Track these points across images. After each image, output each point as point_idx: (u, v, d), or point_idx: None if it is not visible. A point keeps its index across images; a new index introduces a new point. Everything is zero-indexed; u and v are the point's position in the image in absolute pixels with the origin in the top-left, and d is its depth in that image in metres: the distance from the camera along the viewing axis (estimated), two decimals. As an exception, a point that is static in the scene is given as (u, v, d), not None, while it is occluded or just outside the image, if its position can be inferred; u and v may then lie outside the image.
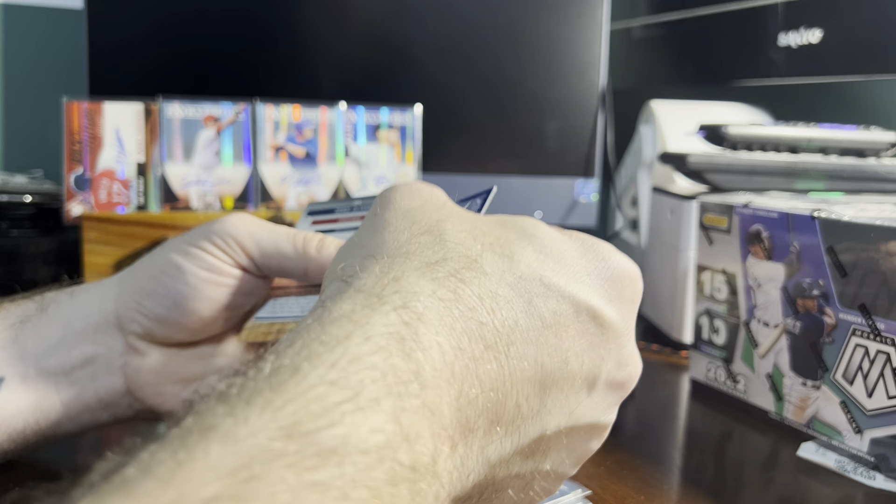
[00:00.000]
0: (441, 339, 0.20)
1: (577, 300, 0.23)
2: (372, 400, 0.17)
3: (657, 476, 0.39)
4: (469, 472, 0.21)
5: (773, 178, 0.61)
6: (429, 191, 0.26)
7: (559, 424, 0.23)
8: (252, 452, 0.14)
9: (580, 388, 0.23)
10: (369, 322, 0.19)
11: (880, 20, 0.69)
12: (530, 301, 0.22)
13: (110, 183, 0.66)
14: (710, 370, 0.51)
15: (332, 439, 0.15)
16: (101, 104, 0.66)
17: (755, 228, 0.47)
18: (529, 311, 0.22)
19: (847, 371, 0.41)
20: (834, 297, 0.42)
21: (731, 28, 0.87)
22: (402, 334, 0.19)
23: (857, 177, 0.61)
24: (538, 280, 0.22)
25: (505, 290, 0.22)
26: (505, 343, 0.21)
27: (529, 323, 0.22)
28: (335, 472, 0.15)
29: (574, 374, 0.23)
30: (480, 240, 0.23)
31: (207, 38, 0.83)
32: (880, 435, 0.39)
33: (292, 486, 0.14)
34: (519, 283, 0.22)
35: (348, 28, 0.85)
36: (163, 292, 0.33)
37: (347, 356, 0.17)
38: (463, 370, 0.20)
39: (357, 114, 0.72)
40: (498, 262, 0.22)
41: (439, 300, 0.20)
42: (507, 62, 0.88)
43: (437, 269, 0.21)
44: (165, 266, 0.33)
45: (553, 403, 0.22)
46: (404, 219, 0.24)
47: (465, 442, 0.20)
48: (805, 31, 0.76)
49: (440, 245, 0.22)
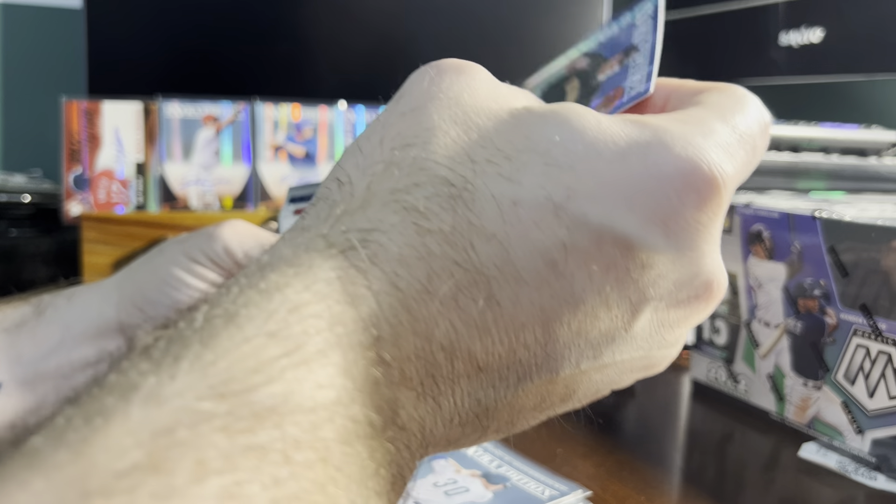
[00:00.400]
0: (401, 282, 0.17)
1: (596, 227, 0.17)
2: (317, 352, 0.15)
3: (658, 476, 0.38)
4: (452, 416, 0.18)
5: (775, 177, 0.61)
6: (458, 76, 0.20)
7: (581, 366, 0.19)
8: (178, 415, 0.13)
9: (610, 328, 0.19)
10: (312, 266, 0.16)
11: (881, 19, 0.69)
12: (527, 234, 0.17)
13: (109, 182, 0.66)
14: (711, 370, 0.51)
15: (270, 398, 0.13)
16: (99, 104, 0.66)
17: (756, 228, 0.47)
18: (527, 245, 0.17)
19: (848, 371, 0.41)
20: (835, 298, 0.42)
21: (732, 27, 0.87)
22: (351, 278, 0.16)
23: (858, 176, 0.61)
24: (542, 205, 0.17)
25: (493, 221, 0.17)
26: (489, 285, 0.17)
27: (525, 261, 0.17)
28: (275, 434, 0.13)
29: (595, 316, 0.18)
30: (477, 154, 0.18)
31: (206, 37, 0.83)
32: (881, 435, 0.39)
33: (224, 451, 0.12)
34: (514, 211, 0.17)
35: (348, 27, 0.85)
36: (167, 302, 0.33)
37: (287, 304, 0.15)
38: (432, 315, 0.17)
39: (356, 113, 0.72)
40: (491, 184, 0.18)
41: (401, 236, 0.17)
42: (508, 61, 0.88)
43: (405, 196, 0.18)
44: (166, 277, 0.33)
45: (565, 349, 0.18)
46: (395, 123, 0.19)
47: (440, 389, 0.18)
48: (806, 31, 0.76)
49: (419, 163, 0.18)
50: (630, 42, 0.24)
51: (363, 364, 0.16)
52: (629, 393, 0.52)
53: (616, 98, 0.22)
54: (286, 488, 0.13)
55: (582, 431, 0.44)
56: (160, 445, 0.12)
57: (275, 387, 0.14)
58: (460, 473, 0.36)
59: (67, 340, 0.34)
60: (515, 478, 0.36)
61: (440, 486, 0.35)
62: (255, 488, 0.12)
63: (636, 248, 0.18)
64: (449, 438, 0.19)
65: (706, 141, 0.18)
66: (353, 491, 0.14)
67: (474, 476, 0.36)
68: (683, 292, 0.19)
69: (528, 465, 0.37)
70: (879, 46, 0.69)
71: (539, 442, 0.42)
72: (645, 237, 0.18)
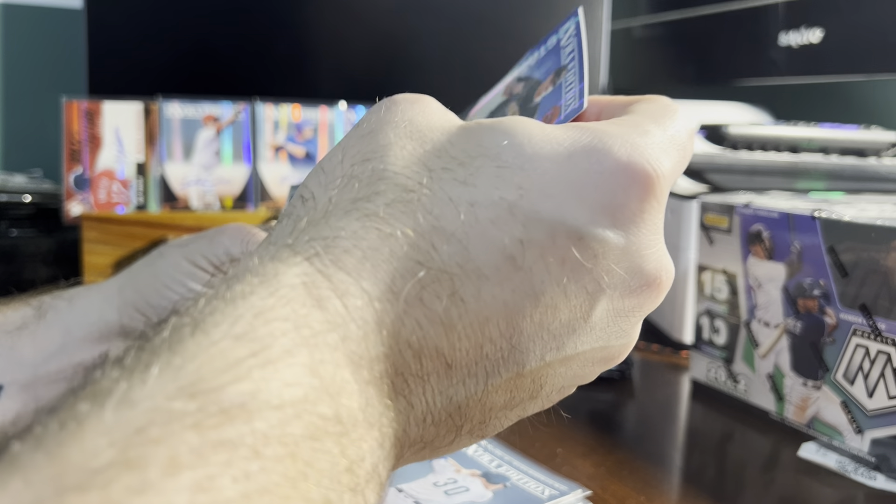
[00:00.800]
0: (365, 283, 0.17)
1: (549, 222, 0.19)
2: (283, 352, 0.15)
3: (658, 476, 0.39)
4: (425, 415, 0.19)
5: (774, 177, 0.61)
6: (412, 104, 0.22)
7: (545, 359, 0.20)
8: (150, 415, 0.13)
9: (570, 319, 0.20)
10: (277, 274, 0.17)
11: (881, 20, 0.69)
12: (485, 232, 0.18)
13: (110, 182, 0.66)
14: (711, 370, 0.51)
15: (238, 395, 0.14)
16: (100, 104, 0.66)
17: (756, 228, 0.47)
18: (485, 242, 0.18)
19: (848, 371, 0.41)
20: (835, 297, 0.42)
21: (731, 28, 0.87)
22: (316, 282, 0.17)
23: (857, 176, 0.61)
24: (497, 205, 0.19)
25: (452, 222, 0.18)
26: (452, 282, 0.18)
27: (486, 256, 0.18)
28: (244, 430, 0.14)
29: (555, 307, 0.19)
30: (432, 163, 0.19)
31: (207, 37, 0.83)
32: (881, 435, 0.39)
33: (195, 447, 0.13)
34: (471, 212, 0.19)
35: (348, 27, 0.85)
36: (168, 306, 0.33)
37: (253, 310, 0.16)
38: (398, 314, 0.18)
39: (357, 113, 0.72)
40: (447, 189, 0.19)
41: (363, 240, 0.18)
42: (508, 61, 0.88)
43: (366, 204, 0.19)
44: (168, 281, 0.34)
45: (529, 341, 0.19)
46: (354, 144, 0.21)
47: (410, 388, 0.18)
48: (806, 31, 0.76)
49: (378, 174, 0.19)
50: (560, 63, 0.25)
51: (331, 363, 0.16)
52: (628, 393, 0.52)
53: (554, 117, 0.24)
54: (256, 481, 0.13)
55: (582, 431, 0.44)
56: (133, 443, 0.13)
57: (243, 385, 0.14)
58: (460, 473, 0.36)
59: (69, 344, 0.34)
60: (515, 477, 0.36)
61: (440, 485, 0.35)
62: (225, 481, 0.13)
63: (588, 239, 0.19)
64: (424, 439, 0.20)
65: (643, 140, 0.20)
66: (324, 486, 0.15)
67: (474, 476, 0.36)
68: (635, 281, 0.20)
69: (527, 464, 0.37)
70: (879, 47, 0.69)
71: (539, 442, 0.42)
72: (595, 228, 0.19)
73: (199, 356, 0.14)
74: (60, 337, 0.34)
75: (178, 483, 0.12)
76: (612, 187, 0.19)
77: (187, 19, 0.82)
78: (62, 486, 0.12)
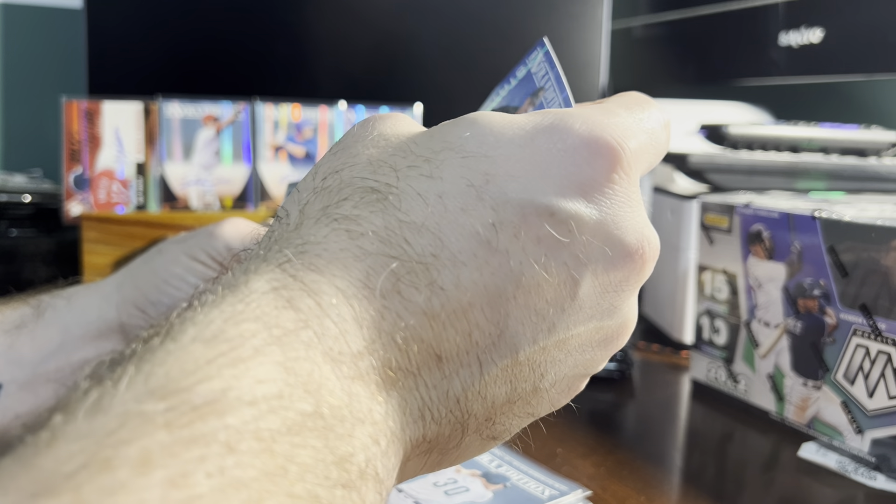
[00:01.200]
0: (339, 281, 0.17)
1: (518, 203, 0.19)
2: (254, 351, 0.15)
3: (658, 476, 0.39)
4: (422, 410, 0.19)
5: (774, 177, 0.61)
6: (384, 120, 0.22)
7: (538, 342, 0.20)
8: (120, 418, 0.13)
9: (556, 297, 0.20)
10: (248, 283, 0.17)
11: (881, 20, 0.69)
12: (456, 220, 0.19)
13: (109, 182, 0.66)
14: (711, 370, 0.51)
15: (209, 393, 0.14)
16: (100, 104, 0.66)
17: (756, 228, 0.47)
18: (458, 230, 0.19)
19: (848, 371, 0.41)
20: (835, 297, 0.42)
21: (731, 27, 0.87)
22: (287, 285, 0.17)
23: (858, 176, 0.61)
24: (466, 192, 0.19)
25: (421, 214, 0.19)
26: (429, 272, 0.18)
27: (460, 243, 0.18)
28: (216, 425, 0.13)
29: (538, 286, 0.19)
30: (398, 163, 0.20)
31: (207, 37, 0.83)
32: (881, 435, 0.39)
33: (166, 444, 0.13)
34: (440, 202, 0.19)
35: (348, 27, 0.85)
36: (167, 302, 0.33)
37: (223, 315, 0.16)
38: (376, 309, 0.18)
39: (357, 113, 0.72)
40: (415, 184, 0.19)
41: (333, 243, 0.18)
42: (508, 61, 0.88)
43: (335, 210, 0.19)
44: (167, 277, 0.34)
45: (518, 324, 0.19)
46: (326, 161, 0.21)
47: (401, 383, 0.18)
48: (806, 31, 0.76)
49: (345, 182, 0.20)
50: (535, 86, 0.25)
51: (307, 360, 0.16)
52: (628, 393, 0.52)
53: None
54: (231, 476, 0.13)
55: (582, 431, 0.44)
56: (105, 445, 0.13)
57: (213, 383, 0.14)
58: (460, 473, 0.36)
59: (67, 342, 0.34)
60: (515, 477, 0.36)
61: (440, 485, 0.35)
62: (199, 477, 0.13)
63: (559, 214, 0.19)
64: (427, 438, 0.20)
65: (607, 118, 0.21)
66: (309, 481, 0.15)
67: (474, 476, 0.36)
68: (616, 253, 0.20)
69: (527, 464, 0.37)
70: (879, 47, 0.69)
71: (539, 442, 0.42)
72: (565, 203, 0.19)
73: (168, 361, 0.15)
74: (59, 335, 0.34)
75: (149, 480, 0.12)
76: (577, 161, 0.20)
77: (187, 19, 0.82)
78: (35, 491, 0.12)
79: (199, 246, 0.34)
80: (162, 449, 0.13)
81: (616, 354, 0.54)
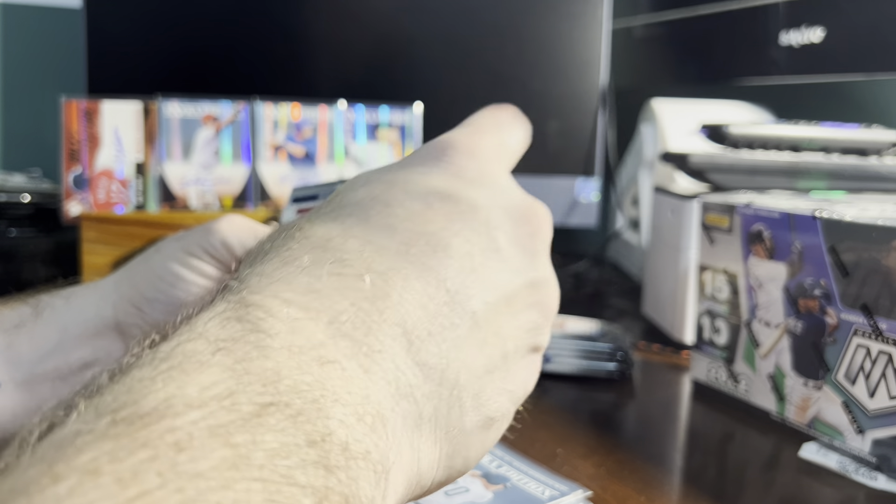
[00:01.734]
0: (285, 294, 0.19)
1: (416, 193, 0.23)
2: (199, 364, 0.16)
3: (658, 477, 0.38)
4: (408, 387, 0.20)
5: (775, 177, 0.61)
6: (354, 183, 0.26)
7: (488, 299, 0.22)
8: (71, 437, 0.14)
9: (484, 251, 0.23)
10: (197, 320, 0.18)
11: (882, 19, 0.68)
12: (378, 221, 0.22)
13: (109, 182, 0.66)
14: (712, 370, 0.51)
15: (154, 402, 0.14)
16: (99, 103, 0.66)
17: (757, 228, 0.47)
18: (378, 230, 0.22)
19: (849, 371, 0.41)
20: (836, 297, 0.42)
21: (732, 27, 0.87)
22: (233, 307, 0.18)
23: (858, 176, 0.61)
24: (373, 200, 0.23)
25: (341, 227, 0.22)
26: (368, 263, 0.20)
27: (383, 240, 0.21)
28: (164, 428, 0.14)
29: (468, 250, 0.22)
30: (312, 216, 0.23)
31: (206, 36, 0.83)
32: (882, 435, 0.39)
33: (116, 450, 0.13)
34: (356, 212, 0.22)
35: (347, 27, 0.85)
36: (163, 299, 0.33)
37: (171, 345, 0.17)
38: (327, 305, 0.19)
39: (356, 112, 0.72)
40: (320, 220, 0.22)
41: (268, 265, 0.20)
42: (508, 61, 0.87)
43: (270, 254, 0.21)
44: (163, 273, 0.34)
45: (461, 284, 0.22)
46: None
47: (373, 362, 0.19)
48: (807, 30, 0.76)
49: (285, 228, 0.23)
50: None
51: (259, 358, 0.16)
52: (629, 393, 0.52)
53: None
54: (184, 469, 0.13)
55: (582, 432, 0.44)
56: (55, 460, 0.13)
57: (158, 394, 0.15)
58: (460, 474, 0.36)
59: (65, 341, 0.33)
60: (515, 478, 0.36)
61: (440, 486, 0.35)
62: (150, 475, 0.13)
63: (454, 195, 0.23)
64: (424, 415, 0.20)
65: (455, 131, 0.26)
66: (280, 465, 0.15)
67: (474, 476, 0.36)
68: (516, 212, 0.24)
69: (528, 465, 0.37)
70: (880, 46, 0.69)
71: (539, 442, 0.42)
72: (452, 183, 0.23)
73: (115, 388, 0.15)
74: (57, 335, 0.33)
75: (98, 482, 0.13)
76: (441, 148, 0.25)
77: (186, 19, 0.82)
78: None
79: (196, 243, 0.34)
80: (111, 454, 0.13)
81: (617, 355, 0.54)
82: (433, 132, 0.24)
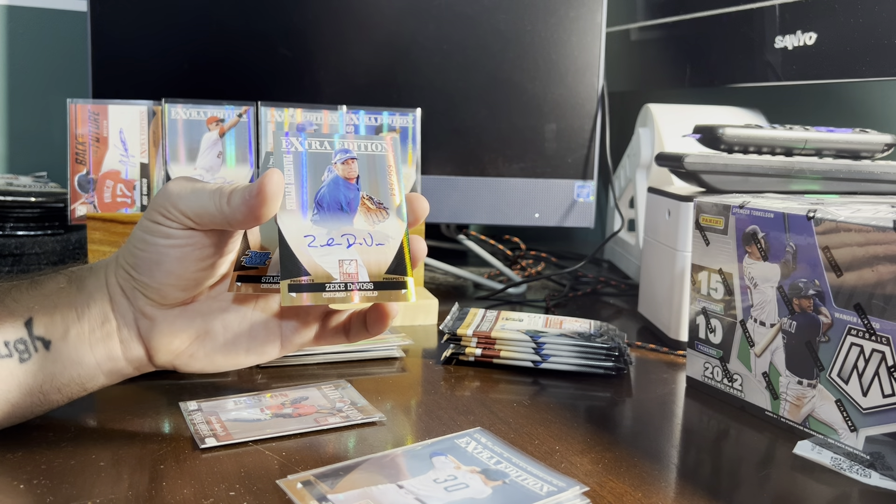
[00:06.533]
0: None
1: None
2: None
3: (655, 473, 0.39)
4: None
5: (769, 179, 0.61)
6: None
7: None
8: None
9: None
10: None
11: (874, 23, 0.69)
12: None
13: (114, 184, 0.66)
14: (707, 369, 0.52)
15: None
16: (105, 106, 0.66)
17: (751, 229, 0.48)
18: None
19: (842, 370, 0.42)
20: (829, 297, 0.42)
21: (727, 31, 0.88)
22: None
23: (852, 178, 0.62)
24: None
25: None
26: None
27: None
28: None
29: None
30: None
31: (211, 41, 0.84)
32: (875, 433, 0.40)
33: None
34: None
35: (350, 32, 0.86)
36: (142, 265, 0.39)
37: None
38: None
39: (358, 117, 0.72)
40: None
41: None
42: (506, 65, 0.88)
43: None
44: (135, 241, 0.39)
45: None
46: None
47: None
48: (800, 35, 0.77)
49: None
50: None
51: None
52: (625, 391, 0.52)
53: None
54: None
55: (580, 429, 0.45)
56: None
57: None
58: (460, 470, 0.37)
59: (93, 307, 0.40)
60: (514, 474, 0.36)
61: (440, 482, 0.35)
62: None
63: None
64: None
65: None
66: None
67: (474, 472, 0.36)
68: None
69: (526, 461, 0.38)
70: (872, 50, 0.69)
71: (538, 439, 0.43)
72: None
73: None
74: (86, 300, 0.40)
75: None
76: None
77: (192, 24, 0.83)
78: None
79: (153, 208, 0.39)
80: None
81: (614, 353, 0.54)
82: (433, 135, 0.25)
